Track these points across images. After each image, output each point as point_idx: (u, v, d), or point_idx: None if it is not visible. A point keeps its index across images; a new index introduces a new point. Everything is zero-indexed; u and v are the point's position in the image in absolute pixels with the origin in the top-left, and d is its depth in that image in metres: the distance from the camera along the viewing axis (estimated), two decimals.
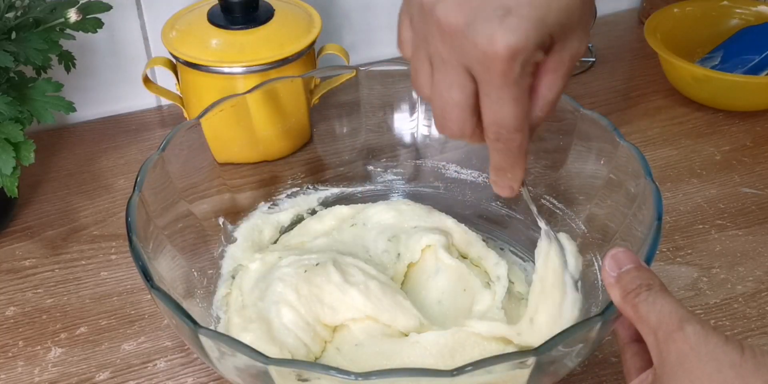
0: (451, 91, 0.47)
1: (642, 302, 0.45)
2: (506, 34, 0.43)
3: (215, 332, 0.49)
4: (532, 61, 0.44)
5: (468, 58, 0.45)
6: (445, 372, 0.46)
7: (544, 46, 0.45)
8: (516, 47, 0.43)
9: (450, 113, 0.48)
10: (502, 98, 0.45)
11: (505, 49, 0.43)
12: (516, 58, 0.43)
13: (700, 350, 0.43)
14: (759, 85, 0.87)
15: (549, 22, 0.44)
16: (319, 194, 0.75)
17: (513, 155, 0.49)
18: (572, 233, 0.67)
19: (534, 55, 0.44)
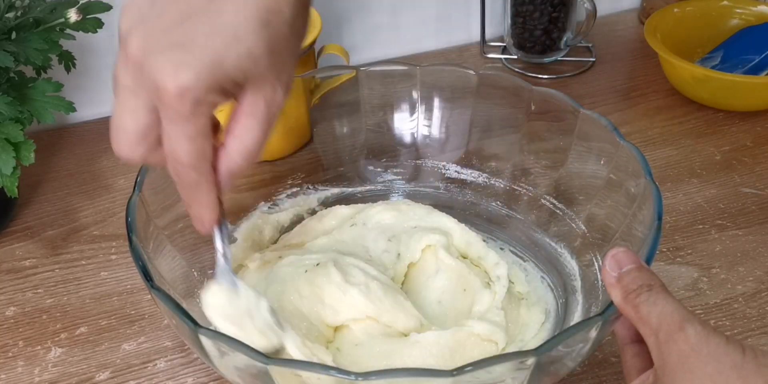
0: (122, 117, 0.47)
1: (643, 303, 0.45)
2: (176, 72, 0.43)
3: (215, 332, 0.49)
4: (206, 101, 0.44)
5: (147, 88, 0.45)
6: (445, 372, 0.46)
7: (222, 90, 0.45)
8: (185, 86, 0.43)
9: (117, 137, 0.47)
10: (175, 133, 0.45)
11: (173, 87, 0.43)
12: (185, 97, 0.43)
13: (701, 351, 0.43)
14: (759, 85, 0.87)
15: (227, 66, 0.44)
16: (319, 194, 0.75)
17: (190, 192, 0.49)
18: (572, 233, 0.67)
19: (207, 96, 0.44)
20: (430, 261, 0.67)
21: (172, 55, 0.43)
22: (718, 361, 0.42)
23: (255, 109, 0.47)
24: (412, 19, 1.00)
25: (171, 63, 0.43)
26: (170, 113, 0.45)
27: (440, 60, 1.00)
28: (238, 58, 0.44)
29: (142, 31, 0.44)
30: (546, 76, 0.99)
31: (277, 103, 0.47)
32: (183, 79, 0.43)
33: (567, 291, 0.65)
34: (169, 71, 0.43)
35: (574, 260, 0.66)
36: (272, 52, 0.45)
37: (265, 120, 0.47)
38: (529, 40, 0.98)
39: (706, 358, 0.42)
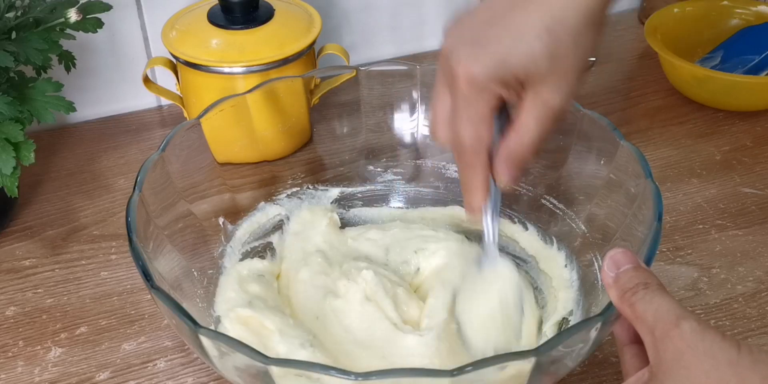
0: (435, 104, 0.56)
1: (639, 301, 0.46)
2: (468, 61, 0.51)
3: (215, 332, 0.49)
4: (488, 89, 0.52)
5: (447, 77, 0.54)
6: (445, 372, 0.46)
7: (504, 83, 0.51)
8: (472, 73, 0.51)
9: (432, 122, 0.57)
10: (460, 115, 0.54)
11: (464, 73, 0.52)
12: (472, 82, 0.52)
13: (696, 347, 0.43)
14: (759, 85, 0.87)
15: (510, 62, 0.51)
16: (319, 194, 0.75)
17: (469, 174, 0.56)
18: (572, 233, 0.67)
19: (489, 85, 0.51)
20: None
21: (469, 50, 0.52)
22: (714, 358, 0.42)
23: (532, 109, 0.53)
24: (412, 19, 1.00)
25: (466, 55, 0.52)
26: (459, 97, 0.53)
27: None
28: (520, 56, 0.51)
29: (455, 33, 0.54)
30: None
31: (554, 108, 0.53)
32: (471, 68, 0.51)
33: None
34: (463, 61, 0.52)
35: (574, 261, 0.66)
36: (552, 56, 0.51)
37: (542, 119, 0.53)
38: None
39: (701, 355, 0.42)
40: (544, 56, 0.50)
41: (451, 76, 0.53)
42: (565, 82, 0.52)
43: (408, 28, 1.00)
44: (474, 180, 0.56)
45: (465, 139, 0.54)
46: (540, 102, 0.52)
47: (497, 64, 0.51)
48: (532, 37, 0.50)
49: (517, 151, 0.54)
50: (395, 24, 0.99)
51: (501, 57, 0.51)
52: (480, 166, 0.55)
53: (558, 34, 0.50)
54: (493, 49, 0.51)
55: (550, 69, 0.51)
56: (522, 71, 0.51)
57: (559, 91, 0.52)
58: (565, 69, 0.52)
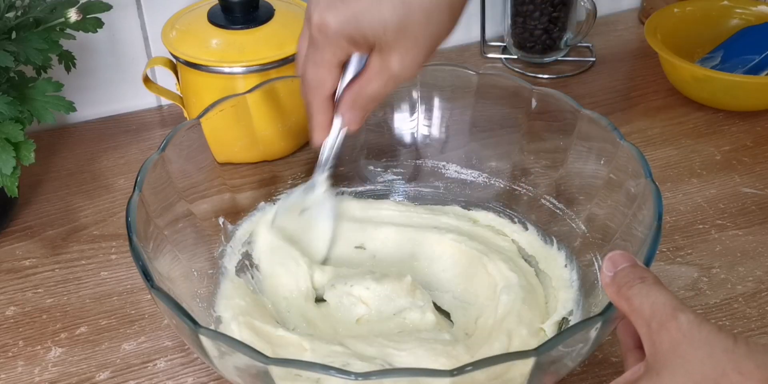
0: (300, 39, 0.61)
1: (636, 295, 0.46)
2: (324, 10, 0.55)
3: (215, 332, 0.49)
4: (336, 41, 0.55)
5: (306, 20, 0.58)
6: (445, 372, 0.46)
7: (354, 41, 0.55)
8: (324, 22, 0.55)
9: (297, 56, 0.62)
10: (308, 57, 0.59)
11: (318, 20, 0.55)
12: (321, 31, 0.55)
13: (693, 337, 0.43)
14: (759, 85, 0.87)
15: (362, 24, 0.54)
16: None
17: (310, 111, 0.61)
18: (572, 233, 0.67)
19: (337, 37, 0.55)
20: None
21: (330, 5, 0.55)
22: (710, 346, 0.42)
23: (376, 70, 0.57)
24: None
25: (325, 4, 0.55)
26: (310, 41, 0.57)
27: (440, 60, 1.00)
28: (371, 21, 0.54)
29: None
30: (546, 75, 0.99)
31: (394, 75, 0.57)
32: (325, 18, 0.55)
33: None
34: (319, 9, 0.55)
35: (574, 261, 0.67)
36: (402, 28, 0.54)
37: (382, 81, 0.57)
38: (529, 39, 0.98)
39: (697, 343, 0.42)
40: (393, 26, 0.54)
41: (308, 23, 0.57)
42: (410, 55, 0.55)
43: None
44: (314, 117, 0.61)
45: (308, 80, 0.59)
46: (383, 66, 0.56)
47: (348, 21, 0.54)
48: (388, 6, 0.53)
49: (356, 98, 0.59)
50: None
51: (354, 16, 0.54)
52: (318, 105, 0.60)
53: (412, 8, 0.53)
54: (349, 7, 0.54)
55: (397, 39, 0.54)
56: (371, 34, 0.54)
57: (402, 62, 0.56)
58: (413, 42, 0.55)
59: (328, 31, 0.55)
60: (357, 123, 0.61)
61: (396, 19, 0.53)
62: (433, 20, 0.54)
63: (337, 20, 0.54)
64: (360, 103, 0.60)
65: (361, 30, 0.54)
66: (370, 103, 0.60)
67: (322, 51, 0.57)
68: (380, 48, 0.55)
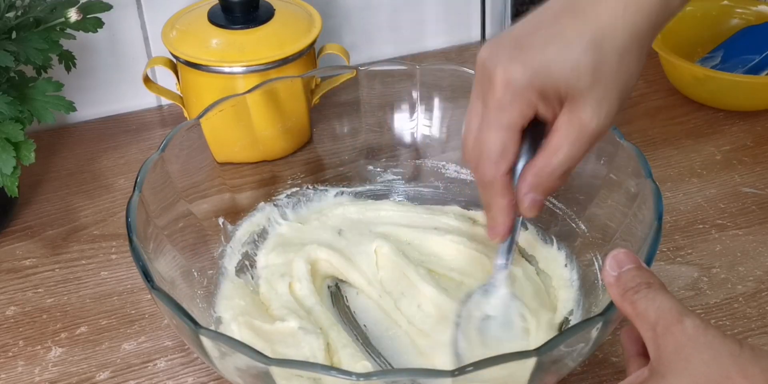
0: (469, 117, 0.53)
1: (641, 299, 0.46)
2: (509, 64, 0.49)
3: (216, 332, 0.49)
4: (525, 96, 0.49)
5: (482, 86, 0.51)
6: (445, 372, 0.46)
7: (542, 93, 0.49)
8: (511, 76, 0.48)
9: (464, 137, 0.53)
10: (488, 121, 0.50)
11: (502, 77, 0.49)
12: (509, 86, 0.49)
13: (698, 340, 0.43)
14: (759, 85, 0.87)
15: (552, 71, 0.48)
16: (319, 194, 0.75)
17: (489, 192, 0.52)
18: (572, 233, 0.67)
19: (527, 92, 0.48)
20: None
21: (510, 54, 0.49)
22: (715, 350, 0.42)
23: (567, 128, 0.49)
24: (412, 19, 1.00)
25: (507, 58, 0.49)
26: (491, 101, 0.50)
27: (440, 60, 1.00)
28: (563, 66, 0.48)
29: (495, 42, 0.51)
30: None
31: (591, 130, 0.49)
32: (511, 71, 0.48)
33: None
34: (502, 64, 0.49)
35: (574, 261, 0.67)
36: (596, 71, 0.48)
37: (576, 141, 0.50)
38: None
39: (703, 347, 0.42)
40: (588, 70, 0.48)
41: (488, 82, 0.49)
42: (606, 103, 0.49)
43: (408, 28, 1.00)
44: (497, 200, 0.52)
45: (487, 147, 0.51)
46: (576, 122, 0.49)
47: (539, 70, 0.48)
48: (579, 49, 0.48)
49: (544, 172, 0.51)
50: (395, 24, 0.99)
51: (544, 63, 0.48)
52: (501, 184, 0.51)
53: (605, 49, 0.48)
54: (536, 55, 0.48)
55: (592, 86, 0.48)
56: (563, 83, 0.48)
57: (599, 112, 0.49)
58: (607, 88, 0.49)
59: (516, 85, 0.48)
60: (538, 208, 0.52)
61: (589, 63, 0.48)
62: (625, 62, 0.49)
63: (526, 72, 0.48)
64: (549, 177, 0.51)
65: (553, 79, 0.48)
66: (559, 179, 0.51)
67: (509, 110, 0.49)
68: (572, 100, 0.49)
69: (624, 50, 0.49)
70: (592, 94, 0.49)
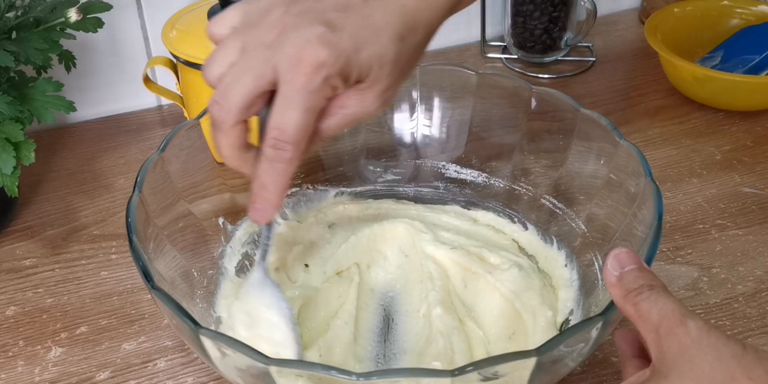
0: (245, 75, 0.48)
1: (644, 300, 0.46)
2: (320, 48, 0.46)
3: (216, 332, 0.49)
4: (331, 83, 0.47)
5: (281, 57, 0.47)
6: (445, 372, 0.46)
7: (345, 77, 0.47)
8: (323, 61, 0.46)
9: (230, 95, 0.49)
10: (294, 103, 0.48)
11: (313, 59, 0.46)
12: (319, 71, 0.46)
13: (702, 342, 0.43)
14: (759, 85, 0.87)
15: (361, 58, 0.47)
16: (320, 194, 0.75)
17: (277, 172, 0.50)
18: (572, 233, 0.67)
19: (334, 77, 0.47)
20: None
21: (321, 32, 0.47)
22: (719, 351, 0.42)
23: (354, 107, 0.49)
24: None
25: (318, 38, 0.46)
26: (297, 80, 0.47)
27: (440, 60, 1.01)
28: (370, 54, 0.47)
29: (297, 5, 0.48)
30: (546, 75, 0.99)
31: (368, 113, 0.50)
32: (323, 56, 0.46)
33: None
34: (314, 44, 0.46)
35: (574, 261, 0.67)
36: (396, 64, 0.49)
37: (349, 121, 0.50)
38: (529, 39, 0.98)
39: (706, 348, 0.42)
40: (390, 61, 0.48)
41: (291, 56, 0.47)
42: (392, 91, 0.50)
43: None
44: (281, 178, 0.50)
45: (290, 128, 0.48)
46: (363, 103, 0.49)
47: (350, 56, 0.47)
48: (387, 40, 0.48)
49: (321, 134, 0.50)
50: None
51: (354, 50, 0.47)
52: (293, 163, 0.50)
53: (407, 43, 0.49)
54: (348, 40, 0.47)
55: (389, 75, 0.49)
56: (366, 69, 0.48)
57: (383, 98, 0.50)
58: (397, 77, 0.50)
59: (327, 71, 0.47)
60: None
61: (394, 54, 0.48)
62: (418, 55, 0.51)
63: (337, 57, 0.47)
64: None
65: (359, 65, 0.47)
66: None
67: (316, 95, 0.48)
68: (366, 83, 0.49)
69: (421, 45, 0.50)
70: (385, 82, 0.49)
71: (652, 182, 0.58)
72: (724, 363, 0.42)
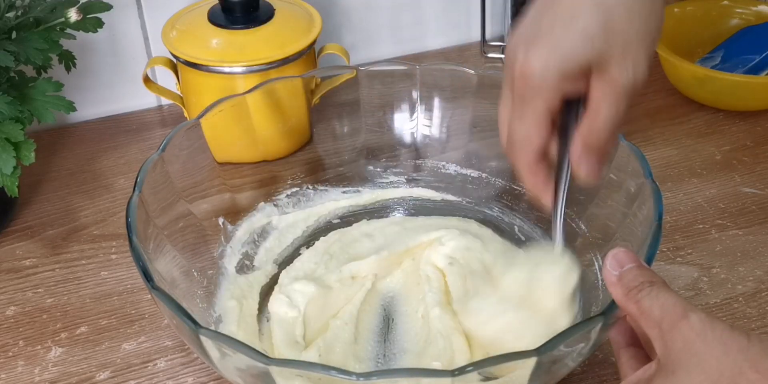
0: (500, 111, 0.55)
1: (645, 297, 0.46)
2: (525, 58, 0.49)
3: (216, 332, 0.49)
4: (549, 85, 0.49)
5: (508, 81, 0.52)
6: (445, 372, 0.46)
7: (566, 74, 0.49)
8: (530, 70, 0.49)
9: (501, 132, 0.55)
10: (515, 112, 0.52)
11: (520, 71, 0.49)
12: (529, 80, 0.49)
13: (706, 335, 0.43)
14: (759, 85, 0.87)
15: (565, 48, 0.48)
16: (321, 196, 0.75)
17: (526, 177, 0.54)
18: (573, 233, 0.67)
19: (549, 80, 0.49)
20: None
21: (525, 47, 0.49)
22: (724, 344, 0.42)
23: (601, 90, 0.50)
24: (412, 19, 1.00)
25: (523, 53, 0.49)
26: (515, 93, 0.51)
27: (440, 60, 1.00)
28: (574, 40, 0.48)
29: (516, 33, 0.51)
30: None
31: (624, 85, 0.49)
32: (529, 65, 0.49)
33: None
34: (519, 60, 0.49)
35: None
36: (608, 30, 0.48)
37: (612, 100, 0.50)
38: None
39: (711, 342, 0.42)
40: (599, 33, 0.48)
41: (511, 74, 0.51)
42: (630, 56, 0.49)
43: (408, 28, 1.00)
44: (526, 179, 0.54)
45: (516, 137, 0.52)
46: (606, 82, 0.49)
47: (552, 54, 0.48)
48: (583, 16, 0.48)
49: (591, 138, 0.51)
50: (395, 24, 0.99)
51: (554, 45, 0.48)
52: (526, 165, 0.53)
53: (608, 5, 0.48)
54: (546, 40, 0.49)
55: (608, 45, 0.48)
56: (581, 56, 0.48)
57: (626, 67, 0.49)
58: (625, 42, 0.48)
59: (536, 77, 0.49)
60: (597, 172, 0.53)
61: (597, 25, 0.48)
62: (636, 9, 0.48)
63: (542, 61, 0.48)
64: (594, 144, 0.51)
65: (569, 56, 0.48)
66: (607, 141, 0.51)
67: (530, 103, 0.50)
68: (597, 66, 0.49)
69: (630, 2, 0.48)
70: (612, 53, 0.48)
71: (652, 182, 0.58)
72: (731, 357, 0.42)
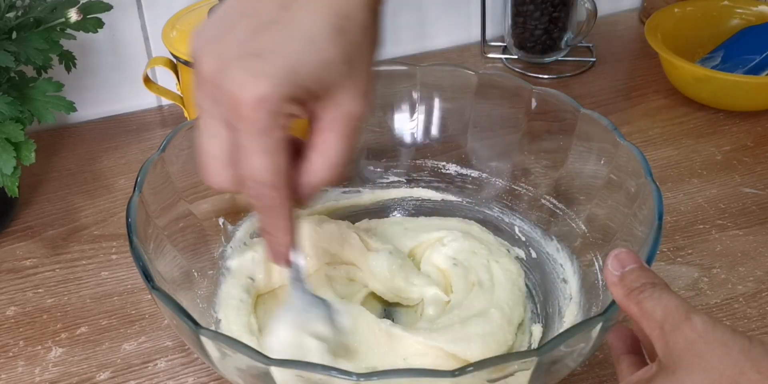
0: (208, 142, 0.46)
1: (647, 298, 0.46)
2: (252, 81, 0.42)
3: (216, 333, 0.49)
4: (283, 112, 0.44)
5: (223, 106, 0.44)
6: (446, 372, 0.46)
7: (298, 100, 0.44)
8: (261, 95, 0.42)
9: (205, 164, 0.47)
10: (251, 149, 0.45)
11: (250, 96, 0.42)
12: (262, 107, 0.43)
13: (708, 337, 0.43)
14: (759, 85, 0.87)
15: (303, 74, 0.43)
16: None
17: (273, 216, 0.48)
18: (572, 233, 0.67)
19: (283, 107, 0.43)
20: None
21: (248, 66, 0.43)
22: (726, 345, 0.42)
23: (334, 125, 0.46)
24: (412, 19, 1.00)
25: (246, 73, 0.43)
26: (247, 127, 0.44)
27: (440, 60, 1.01)
28: (313, 65, 0.43)
29: (214, 49, 0.44)
30: (546, 76, 0.99)
31: (357, 116, 0.46)
32: (259, 89, 0.42)
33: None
34: (244, 81, 0.43)
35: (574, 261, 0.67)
36: (349, 59, 0.44)
37: (347, 135, 0.46)
38: (529, 39, 0.98)
39: (713, 343, 0.42)
40: (341, 61, 0.44)
41: (230, 103, 0.43)
42: (363, 85, 0.46)
43: (408, 28, 1.00)
44: (280, 221, 0.48)
45: (263, 175, 0.45)
46: (342, 113, 0.46)
47: (287, 78, 0.43)
48: (325, 41, 0.43)
49: (325, 174, 0.47)
50: (395, 24, 0.99)
51: (290, 69, 0.43)
52: (285, 203, 0.47)
53: (351, 33, 0.44)
54: (277, 61, 0.43)
55: (348, 74, 0.45)
56: (316, 82, 0.44)
57: (360, 96, 0.46)
58: (361, 70, 0.46)
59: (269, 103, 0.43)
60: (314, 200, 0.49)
61: (340, 53, 0.44)
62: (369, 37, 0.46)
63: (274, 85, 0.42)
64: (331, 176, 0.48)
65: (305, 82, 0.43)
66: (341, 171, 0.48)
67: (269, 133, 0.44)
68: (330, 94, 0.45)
69: (366, 26, 0.45)
70: (349, 82, 0.45)
71: (652, 182, 0.58)
72: (733, 358, 0.42)
